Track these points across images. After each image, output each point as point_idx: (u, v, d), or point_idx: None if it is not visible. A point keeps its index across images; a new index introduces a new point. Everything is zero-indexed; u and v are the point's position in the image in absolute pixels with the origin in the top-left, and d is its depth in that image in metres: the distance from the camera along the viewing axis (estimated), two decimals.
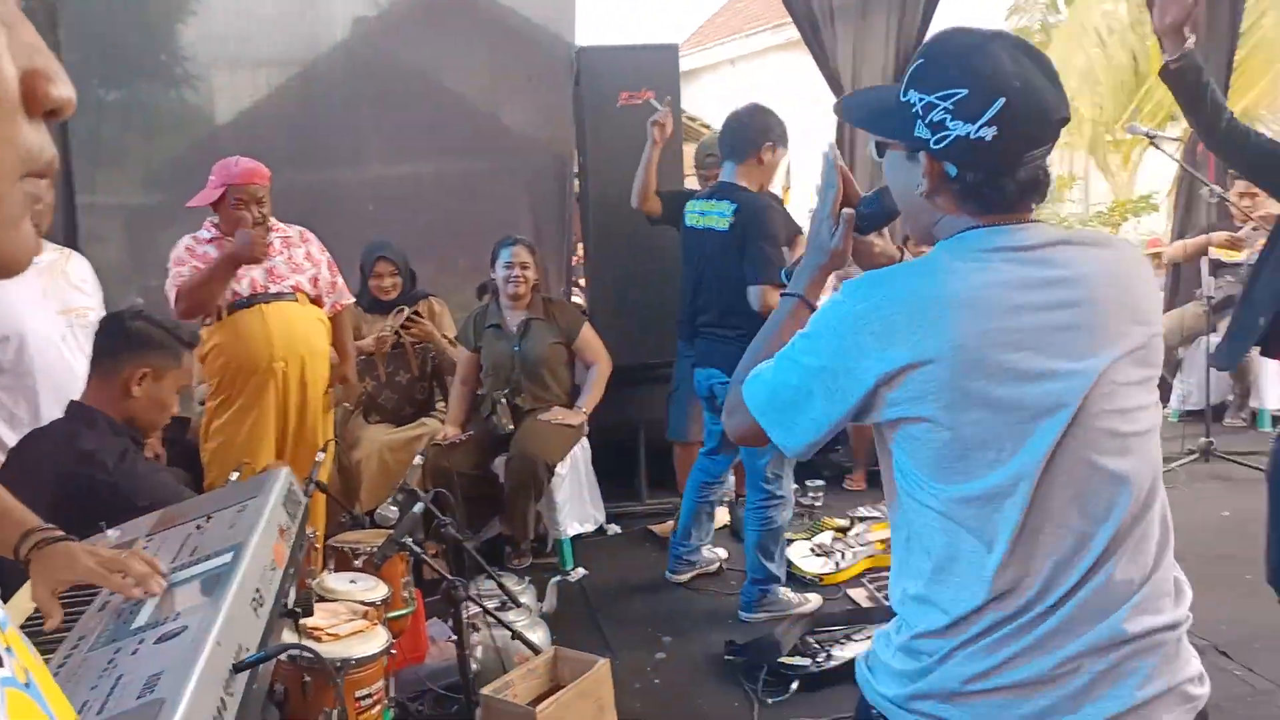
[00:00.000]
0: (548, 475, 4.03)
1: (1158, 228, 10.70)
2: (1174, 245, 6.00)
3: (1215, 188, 5.30)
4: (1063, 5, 10.80)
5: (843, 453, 5.21)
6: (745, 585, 3.73)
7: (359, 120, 4.79)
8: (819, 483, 4.88)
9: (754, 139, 3.57)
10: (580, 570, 3.95)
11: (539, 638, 3.04)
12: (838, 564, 4.02)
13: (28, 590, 1.54)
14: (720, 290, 3.57)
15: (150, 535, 1.77)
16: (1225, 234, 5.49)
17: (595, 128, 4.68)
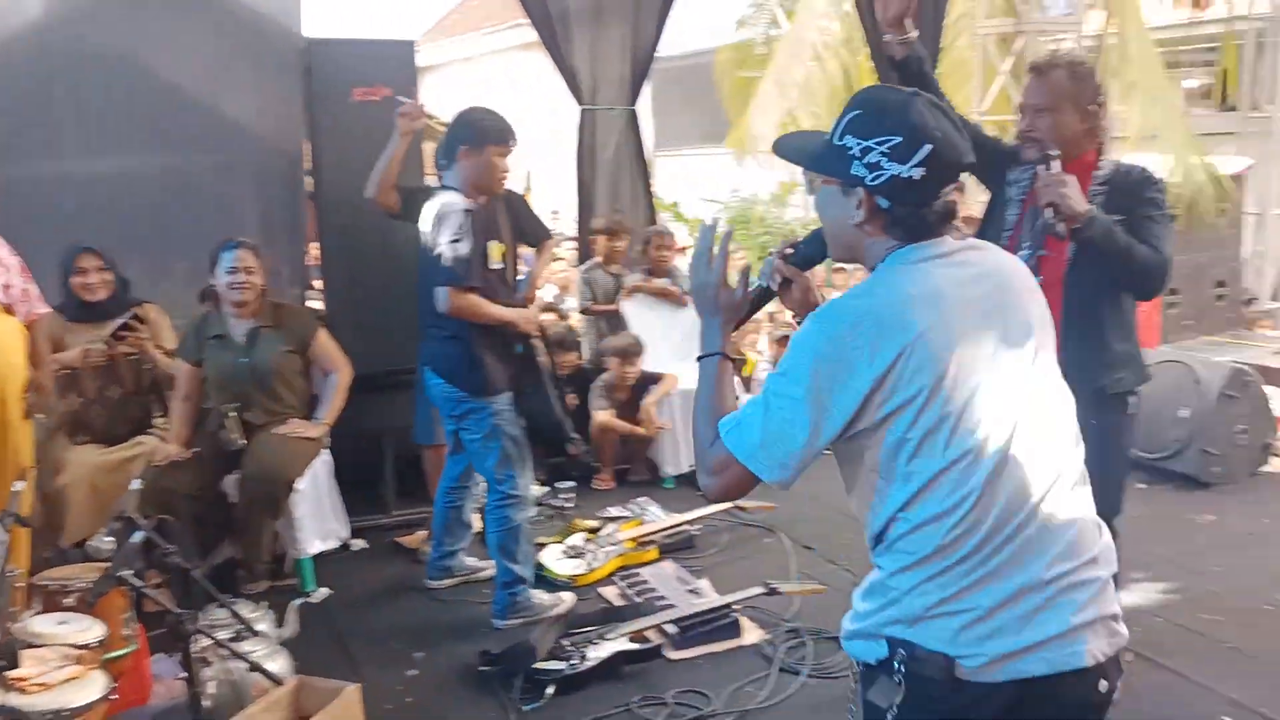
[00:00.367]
0: (286, 492, 3.80)
1: None
2: None
3: None
4: (784, 21, 11.46)
5: (589, 453, 5.26)
6: (495, 591, 3.68)
7: (54, 109, 4.32)
8: (569, 484, 4.90)
9: (450, 143, 3.55)
10: (324, 590, 3.76)
11: (279, 667, 2.85)
12: (590, 565, 4.04)
13: None
14: (426, 291, 3.53)
15: None
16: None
17: (328, 124, 4.47)
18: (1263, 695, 3.03)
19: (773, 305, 8.33)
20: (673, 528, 4.30)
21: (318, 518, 4.02)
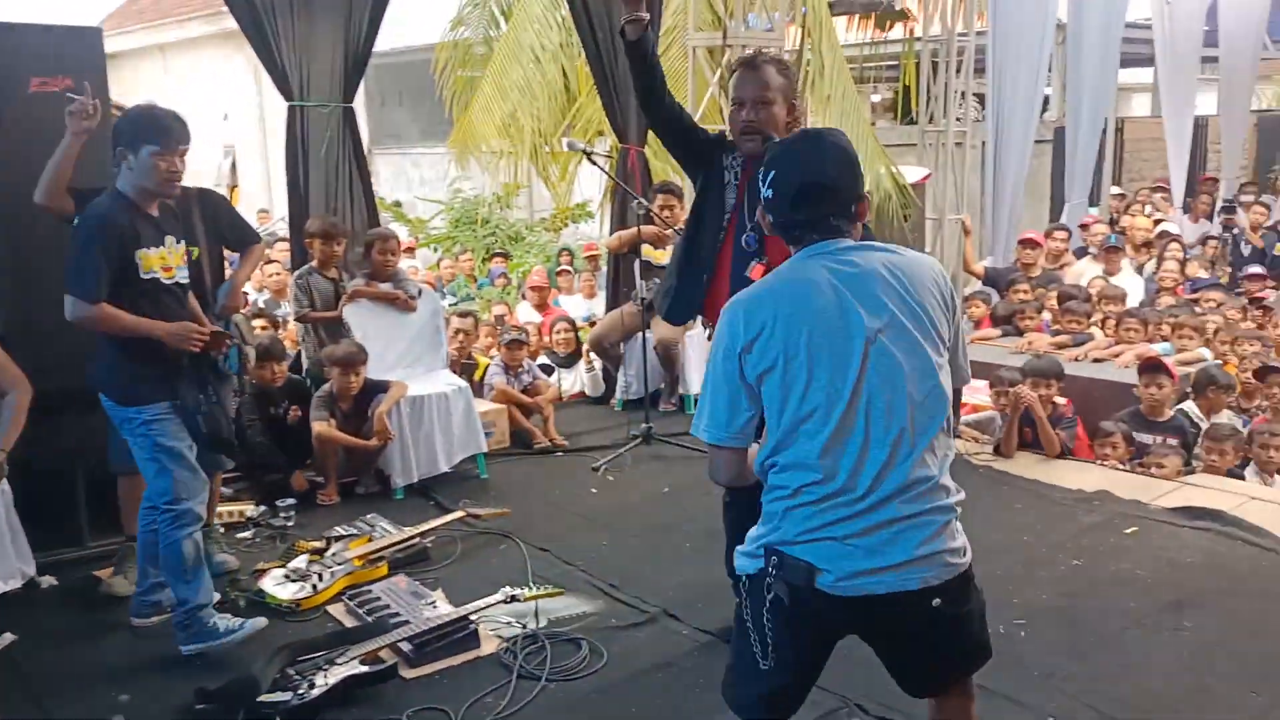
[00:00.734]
0: None
1: (595, 234, 11.79)
2: (611, 237, 6.64)
3: (641, 200, 5.94)
4: (503, 22, 11.43)
5: (311, 465, 5.02)
6: (173, 616, 3.44)
7: None
8: (289, 503, 4.64)
9: (113, 144, 3.32)
10: (7, 636, 3.37)
11: None
12: (315, 586, 3.84)
13: None
14: None
15: None
16: (654, 228, 6.15)
17: (2, 117, 3.98)
18: None
19: (500, 309, 8.26)
20: (404, 541, 4.18)
21: None
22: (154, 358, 3.32)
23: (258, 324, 6.82)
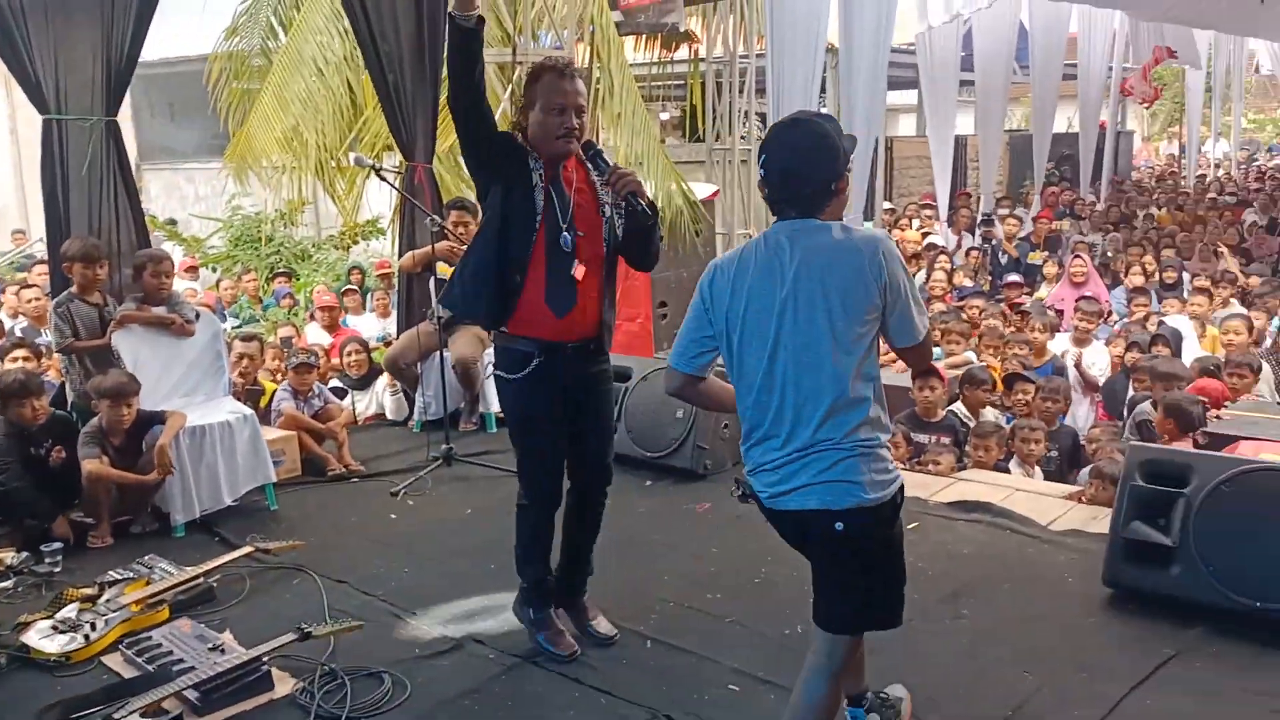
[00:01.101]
0: None
1: (386, 251, 11.48)
2: (405, 257, 6.47)
3: (434, 217, 5.84)
4: (282, 32, 10.97)
5: (80, 506, 4.64)
6: None
7: None
8: (56, 546, 4.26)
9: None
10: None
11: None
12: (87, 636, 3.54)
13: None
14: None
15: None
16: (448, 244, 6.05)
17: None
18: (759, 660, 3.43)
19: (287, 330, 7.88)
20: (187, 582, 3.91)
21: None
22: None
23: (19, 354, 6.27)
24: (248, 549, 4.22)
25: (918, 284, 9.04)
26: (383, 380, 6.68)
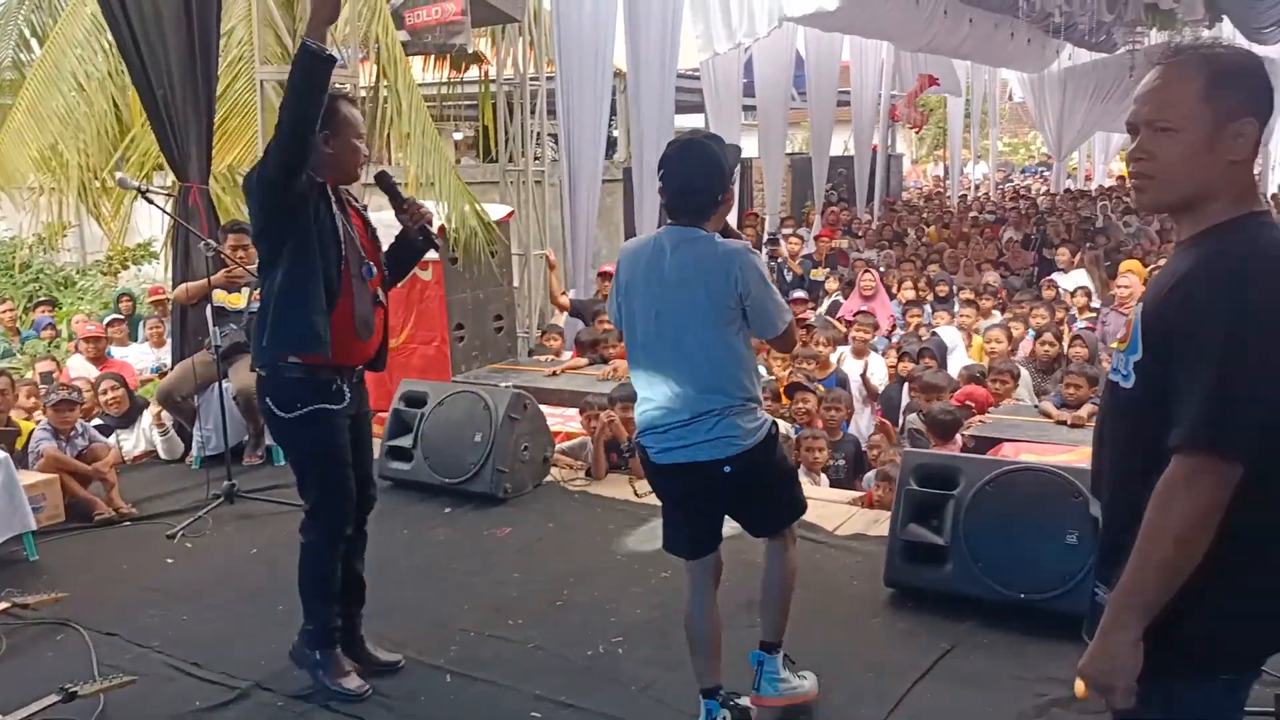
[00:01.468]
0: None
1: (159, 276, 10.79)
2: (179, 289, 6.11)
3: (210, 241, 5.54)
4: (36, 45, 10.15)
5: None
6: None
7: None
8: None
9: None
10: None
11: None
12: None
13: None
14: None
15: None
16: (224, 273, 5.76)
17: None
18: (563, 684, 3.41)
19: (47, 364, 7.26)
20: None
21: None
22: None
23: None
24: (3, 605, 3.86)
25: None
26: (148, 416, 6.18)
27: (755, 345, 3.19)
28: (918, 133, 27.45)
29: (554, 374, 7.14)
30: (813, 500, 5.07)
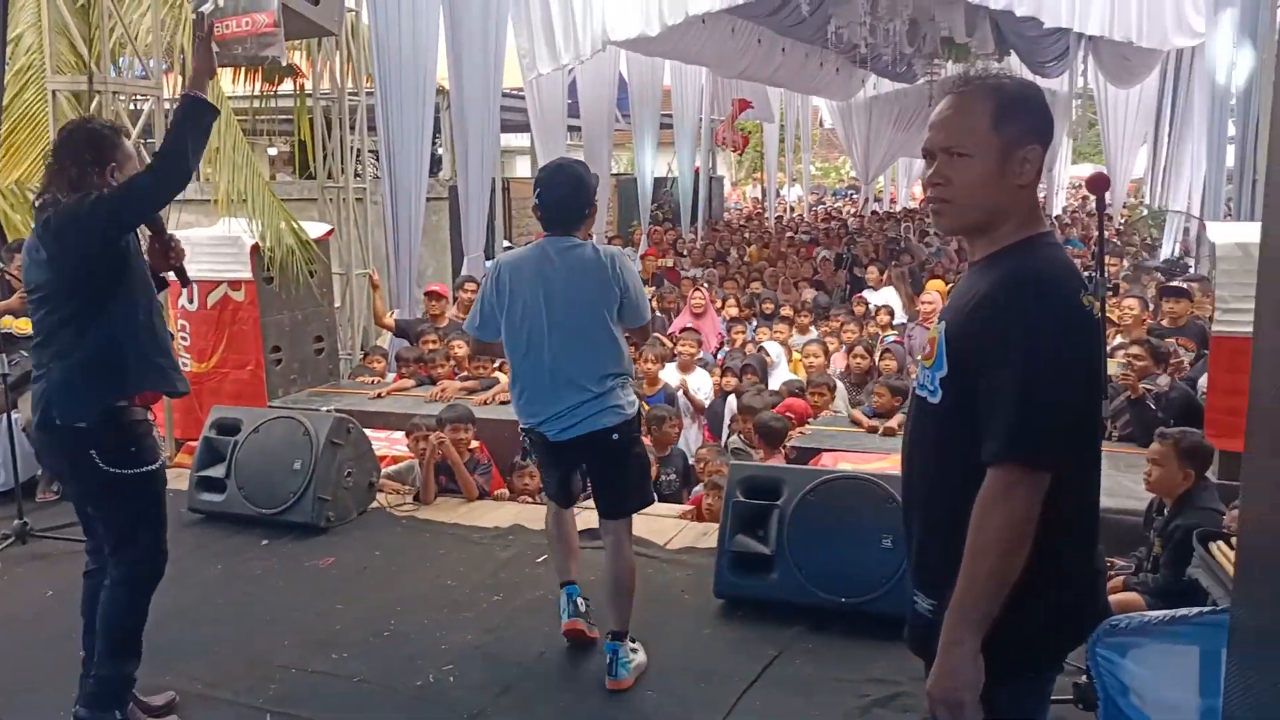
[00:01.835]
0: None
1: None
2: None
3: None
4: None
5: None
6: None
7: None
8: None
9: None
10: None
11: None
12: None
13: None
14: None
15: None
16: (17, 297, 5.35)
17: None
18: (390, 718, 3.31)
19: None
20: None
21: None
22: None
23: None
24: None
25: None
26: None
27: None
28: (739, 155, 28.31)
29: (379, 396, 6.96)
30: (644, 515, 5.14)
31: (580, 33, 10.18)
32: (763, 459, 5.38)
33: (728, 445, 6.11)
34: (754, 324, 9.37)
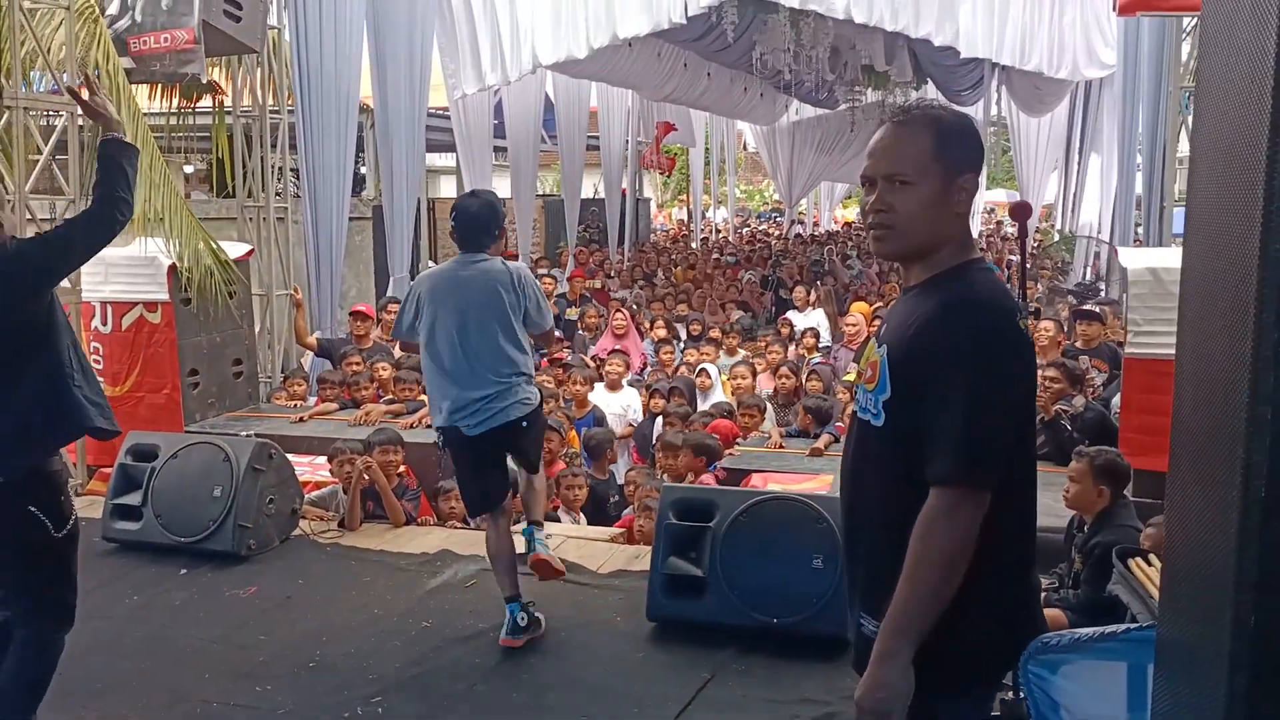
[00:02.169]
0: None
1: None
2: None
3: None
4: None
5: None
6: None
7: None
8: None
9: None
10: None
11: None
12: None
13: None
14: None
15: None
16: None
17: None
18: None
19: None
20: None
21: None
22: None
23: None
24: None
25: None
26: None
27: None
28: (666, 177, 28.51)
29: (301, 420, 6.81)
30: (575, 539, 5.14)
31: (508, 55, 10.15)
32: (693, 481, 5.39)
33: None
34: (682, 345, 9.41)
